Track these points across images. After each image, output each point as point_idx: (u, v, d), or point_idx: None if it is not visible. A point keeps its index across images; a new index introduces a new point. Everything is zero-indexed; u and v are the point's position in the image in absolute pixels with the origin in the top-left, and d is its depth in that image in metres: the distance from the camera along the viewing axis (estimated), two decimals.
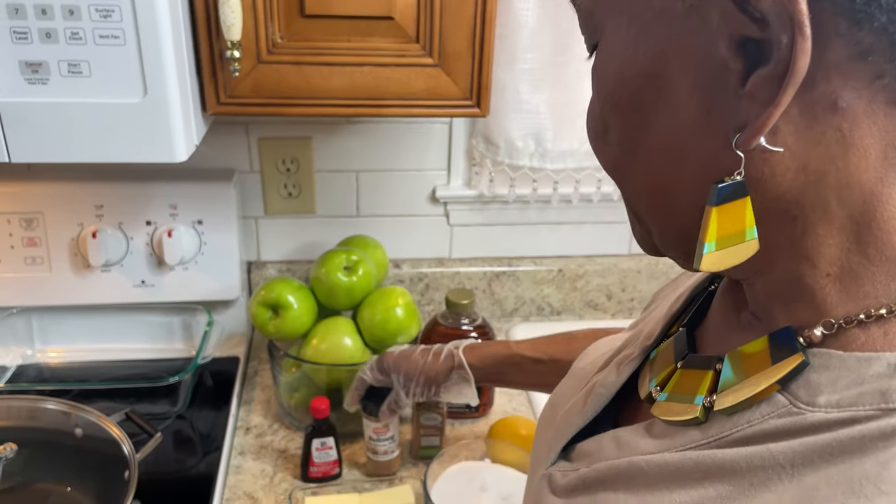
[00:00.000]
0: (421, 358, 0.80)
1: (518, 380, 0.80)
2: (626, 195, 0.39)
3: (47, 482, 0.85)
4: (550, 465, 0.45)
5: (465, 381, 0.78)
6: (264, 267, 1.18)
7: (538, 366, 0.77)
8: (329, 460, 0.89)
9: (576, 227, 1.23)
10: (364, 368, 0.83)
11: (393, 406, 0.83)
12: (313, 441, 0.88)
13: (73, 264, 1.03)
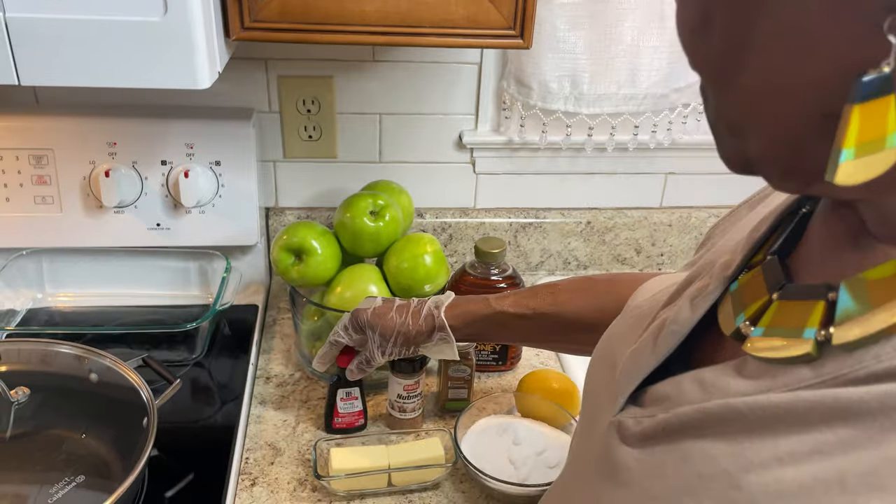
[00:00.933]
0: (398, 317, 0.75)
1: (503, 337, 0.77)
2: (723, 102, 0.34)
3: (61, 428, 0.82)
4: (619, 412, 0.41)
5: (445, 342, 0.74)
6: (282, 213, 1.14)
7: (523, 321, 0.73)
8: (354, 411, 0.86)
9: (607, 177, 1.18)
10: (336, 329, 0.78)
11: (363, 365, 0.78)
12: (338, 391, 0.85)
13: (85, 204, 0.99)
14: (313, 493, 0.78)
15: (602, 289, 0.72)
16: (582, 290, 0.73)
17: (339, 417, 0.86)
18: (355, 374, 0.79)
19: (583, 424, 0.48)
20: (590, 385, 0.48)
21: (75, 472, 0.77)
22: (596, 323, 0.70)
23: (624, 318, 0.47)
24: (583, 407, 0.49)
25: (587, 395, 0.48)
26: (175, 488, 0.78)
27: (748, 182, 1.24)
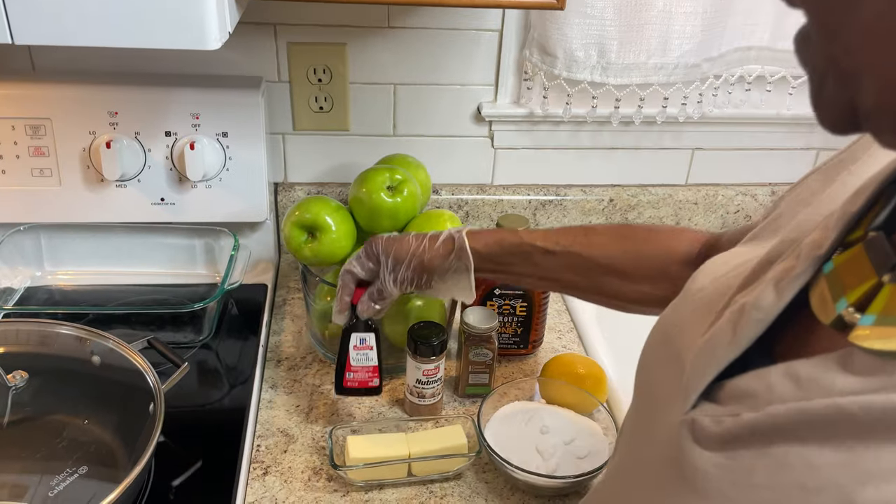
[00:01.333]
0: (415, 241, 0.71)
1: (525, 272, 0.70)
2: (835, 46, 0.28)
3: (62, 414, 0.77)
4: (690, 410, 0.37)
5: (463, 271, 0.69)
6: (292, 189, 1.09)
7: (550, 258, 0.68)
8: (368, 366, 0.78)
9: (631, 153, 1.13)
10: (350, 260, 0.73)
11: (374, 296, 0.72)
12: (352, 337, 0.76)
13: (85, 177, 0.93)
14: (329, 482, 0.74)
15: (641, 236, 0.68)
16: (619, 236, 0.68)
17: (351, 372, 0.77)
18: (367, 307, 0.73)
19: (637, 422, 0.43)
20: (646, 377, 0.43)
21: (77, 461, 0.73)
22: (629, 272, 0.66)
23: (685, 303, 0.42)
24: (637, 402, 0.44)
25: (642, 389, 0.43)
26: (182, 477, 0.74)
27: (778, 159, 1.18)
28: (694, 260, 0.65)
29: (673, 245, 0.66)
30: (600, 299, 0.70)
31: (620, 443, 0.47)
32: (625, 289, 0.67)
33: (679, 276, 0.66)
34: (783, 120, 1.11)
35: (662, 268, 0.66)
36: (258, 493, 0.73)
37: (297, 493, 0.73)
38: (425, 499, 0.73)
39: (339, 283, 0.74)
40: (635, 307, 0.69)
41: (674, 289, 0.67)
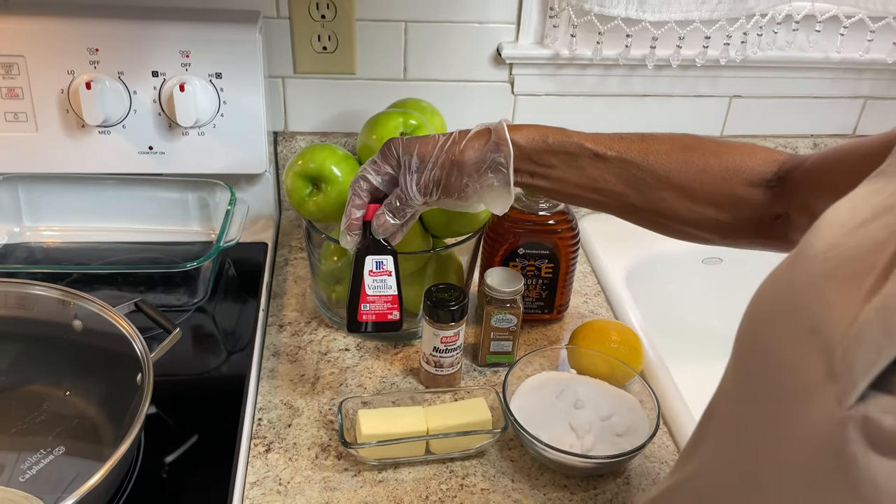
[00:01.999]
0: (443, 137, 0.61)
1: (569, 177, 0.60)
2: None
3: (40, 384, 0.70)
4: (855, 403, 0.28)
5: (499, 169, 0.59)
6: (293, 138, 1.00)
7: (599, 163, 0.59)
8: (386, 294, 0.66)
9: (663, 100, 1.03)
10: (363, 167, 0.63)
11: (394, 205, 0.61)
12: (367, 260, 0.65)
13: (65, 123, 0.84)
14: (338, 460, 0.67)
15: (708, 148, 0.59)
16: (682, 146, 0.59)
17: (367, 303, 0.66)
18: (383, 222, 0.62)
19: (750, 414, 0.34)
20: (763, 358, 0.34)
21: (58, 437, 0.65)
22: (691, 188, 0.58)
23: (812, 263, 0.33)
24: (746, 388, 0.35)
25: (756, 372, 0.34)
26: (176, 453, 0.67)
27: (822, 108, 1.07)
28: (767, 182, 0.57)
29: (745, 162, 0.58)
30: (652, 219, 0.62)
31: (715, 438, 0.38)
32: (683, 209, 0.59)
33: (747, 200, 0.57)
34: (831, 65, 1.01)
35: (730, 187, 0.57)
36: (260, 473, 0.65)
37: (304, 473, 0.66)
38: (445, 479, 0.66)
39: (349, 194, 0.63)
40: (692, 231, 0.61)
41: (739, 214, 0.58)
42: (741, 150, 0.59)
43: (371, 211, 0.63)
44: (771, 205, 0.57)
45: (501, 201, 0.61)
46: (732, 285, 1.02)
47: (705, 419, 0.40)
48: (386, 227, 0.63)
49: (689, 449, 0.41)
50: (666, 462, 0.69)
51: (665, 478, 0.43)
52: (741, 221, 0.58)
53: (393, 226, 0.63)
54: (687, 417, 0.72)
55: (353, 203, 0.63)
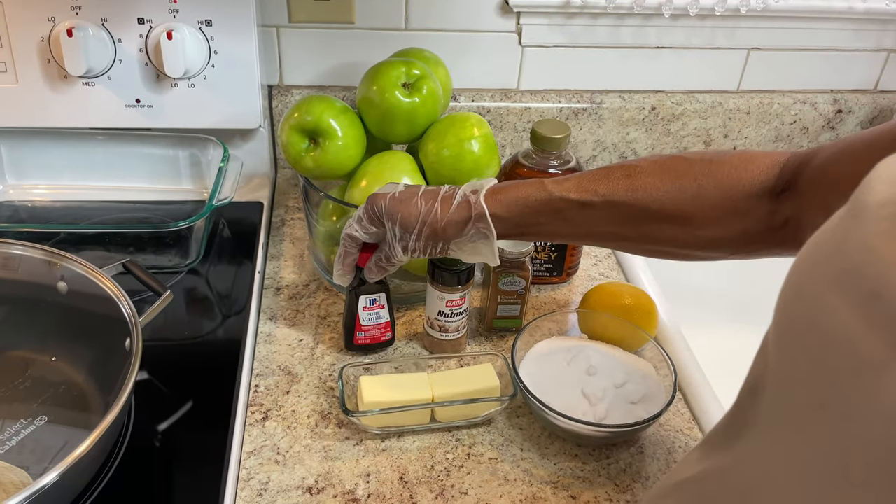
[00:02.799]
0: (424, 203, 0.60)
1: (559, 230, 0.60)
2: None
3: (25, 350, 0.66)
4: None
5: (483, 238, 0.59)
6: (288, 92, 0.95)
7: (588, 211, 0.57)
8: (379, 323, 0.71)
9: (678, 53, 0.98)
10: (350, 222, 0.64)
11: (382, 263, 0.64)
12: (360, 299, 0.69)
13: (46, 73, 0.79)
14: (339, 428, 0.64)
15: (698, 170, 0.55)
16: (670, 173, 0.55)
17: (361, 332, 0.70)
18: (374, 272, 0.66)
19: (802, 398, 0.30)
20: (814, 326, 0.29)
21: (44, 404, 0.62)
22: (689, 215, 0.54)
23: (864, 224, 0.29)
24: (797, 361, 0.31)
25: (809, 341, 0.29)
26: (169, 420, 0.64)
27: (843, 62, 1.01)
28: (771, 189, 0.52)
29: (741, 175, 0.53)
30: (655, 249, 0.59)
31: (766, 422, 0.34)
32: (684, 235, 0.55)
33: (751, 212, 0.52)
34: (855, 15, 0.96)
35: (730, 204, 0.53)
36: (257, 441, 0.62)
37: (303, 442, 0.63)
38: (451, 447, 0.63)
39: (340, 247, 0.66)
40: (699, 253, 0.57)
41: (745, 227, 0.53)
42: (735, 163, 0.54)
43: (363, 258, 0.66)
44: (777, 211, 0.52)
45: (488, 261, 0.61)
46: None
47: (748, 398, 0.36)
48: (376, 277, 0.66)
49: (727, 431, 0.37)
50: (681, 430, 0.66)
51: (693, 460, 0.40)
52: (748, 234, 0.54)
53: (382, 274, 0.66)
54: (703, 384, 0.69)
55: (345, 257, 0.66)
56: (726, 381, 0.74)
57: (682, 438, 0.66)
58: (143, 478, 0.58)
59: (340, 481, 0.59)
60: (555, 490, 0.60)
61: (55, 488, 0.48)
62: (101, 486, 0.56)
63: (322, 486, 0.59)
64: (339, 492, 0.59)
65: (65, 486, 0.51)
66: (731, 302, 1.00)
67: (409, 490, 0.59)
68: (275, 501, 0.57)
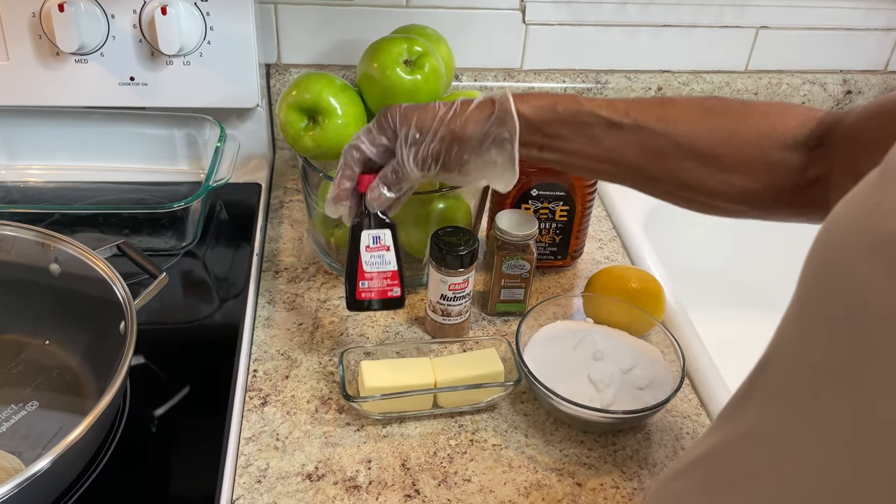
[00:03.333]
0: (443, 106, 0.56)
1: (581, 149, 0.55)
2: None
3: (17, 333, 0.65)
4: None
5: (503, 144, 0.55)
6: (287, 71, 0.93)
7: (615, 132, 0.54)
8: (385, 271, 0.63)
9: (685, 32, 0.96)
10: (356, 135, 0.58)
11: (389, 178, 0.57)
12: (361, 236, 0.61)
13: (37, 50, 0.77)
14: (340, 414, 0.63)
15: (734, 110, 0.53)
16: (706, 109, 0.54)
17: (365, 280, 0.62)
18: (378, 195, 0.58)
19: (830, 367, 0.29)
20: (846, 294, 0.27)
21: (37, 389, 0.61)
22: (718, 156, 0.52)
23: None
24: (823, 333, 0.29)
25: (838, 312, 0.28)
26: (166, 405, 0.62)
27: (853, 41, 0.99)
28: (804, 143, 0.51)
29: (778, 123, 0.51)
30: (676, 192, 0.56)
31: (769, 395, 0.32)
32: (709, 178, 0.53)
33: (782, 164, 0.51)
34: None
35: (762, 152, 0.51)
36: (256, 427, 0.61)
37: (303, 427, 0.61)
38: (454, 433, 0.62)
39: (339, 162, 0.59)
40: (720, 203, 0.55)
41: (773, 181, 0.52)
42: (773, 111, 0.52)
43: (365, 182, 0.59)
44: (808, 168, 0.50)
45: (505, 178, 0.57)
46: (756, 230, 0.97)
47: (758, 370, 0.34)
48: (381, 201, 0.59)
49: (735, 405, 0.36)
50: (689, 416, 0.65)
51: (700, 441, 0.38)
52: (775, 189, 0.52)
53: (388, 199, 0.59)
54: (711, 369, 0.68)
55: (343, 173, 0.59)
56: (733, 366, 0.73)
57: (690, 424, 0.64)
58: (138, 464, 0.57)
59: (341, 468, 0.58)
60: (560, 477, 0.59)
61: (48, 474, 0.47)
62: (95, 472, 0.55)
63: (322, 472, 0.58)
64: (340, 478, 0.57)
65: (58, 472, 0.50)
66: (737, 286, 0.98)
67: (412, 477, 0.58)
68: (274, 488, 0.56)
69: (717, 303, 0.92)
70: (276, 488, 0.56)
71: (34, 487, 0.46)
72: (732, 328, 0.87)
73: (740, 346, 0.85)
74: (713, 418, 0.65)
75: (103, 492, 0.54)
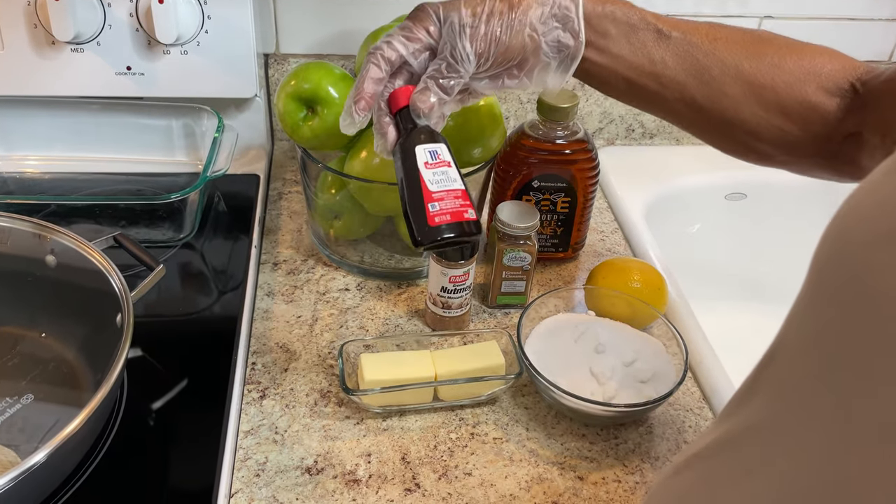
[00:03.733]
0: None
1: (624, 53, 0.53)
2: None
3: (13, 325, 0.64)
4: None
5: (567, 17, 0.51)
6: (285, 61, 0.92)
7: (662, 42, 0.53)
8: (453, 189, 0.50)
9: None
10: (388, 33, 0.52)
11: (442, 70, 0.50)
12: (416, 151, 0.50)
13: (33, 39, 0.76)
14: (339, 407, 0.62)
15: (784, 44, 0.53)
16: (755, 38, 0.53)
17: (434, 203, 0.49)
18: (429, 99, 0.50)
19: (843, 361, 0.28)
20: (861, 286, 0.26)
21: (33, 382, 0.60)
22: (762, 85, 0.51)
23: None
24: (836, 325, 0.28)
25: (853, 303, 0.27)
26: (164, 398, 0.62)
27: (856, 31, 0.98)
28: (844, 92, 0.51)
29: (825, 65, 0.51)
30: (710, 122, 0.54)
31: (777, 387, 0.31)
32: (747, 111, 0.52)
33: (820, 109, 0.50)
34: None
35: (803, 92, 0.51)
36: (255, 420, 0.61)
37: (302, 421, 0.61)
38: (455, 426, 0.61)
39: (364, 65, 0.51)
40: (752, 142, 0.54)
41: (808, 127, 0.51)
42: (820, 52, 0.52)
43: (401, 96, 0.51)
44: (843, 119, 0.50)
45: (565, 65, 0.53)
46: (757, 223, 0.97)
47: (764, 362, 0.34)
48: (432, 107, 0.50)
49: (739, 398, 0.35)
50: (691, 409, 0.64)
51: (704, 434, 0.38)
52: (809, 136, 0.51)
53: (439, 104, 0.51)
54: (714, 363, 0.67)
55: (369, 74, 0.50)
56: (734, 359, 0.72)
57: (693, 418, 0.64)
58: (136, 457, 0.56)
59: (341, 461, 0.58)
60: (561, 471, 0.58)
61: (45, 468, 0.46)
62: (92, 465, 0.55)
63: (322, 466, 0.57)
64: (340, 472, 0.57)
65: (55, 465, 0.49)
66: (738, 279, 0.98)
67: (412, 470, 0.57)
68: (273, 482, 0.56)
69: (718, 296, 0.91)
70: (275, 482, 0.56)
71: (30, 481, 0.46)
72: (734, 321, 0.87)
73: (741, 340, 0.84)
74: (716, 412, 0.64)
75: (100, 485, 0.54)
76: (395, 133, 0.52)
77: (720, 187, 0.95)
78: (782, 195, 0.96)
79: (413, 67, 0.53)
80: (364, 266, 0.76)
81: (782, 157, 0.54)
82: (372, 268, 0.76)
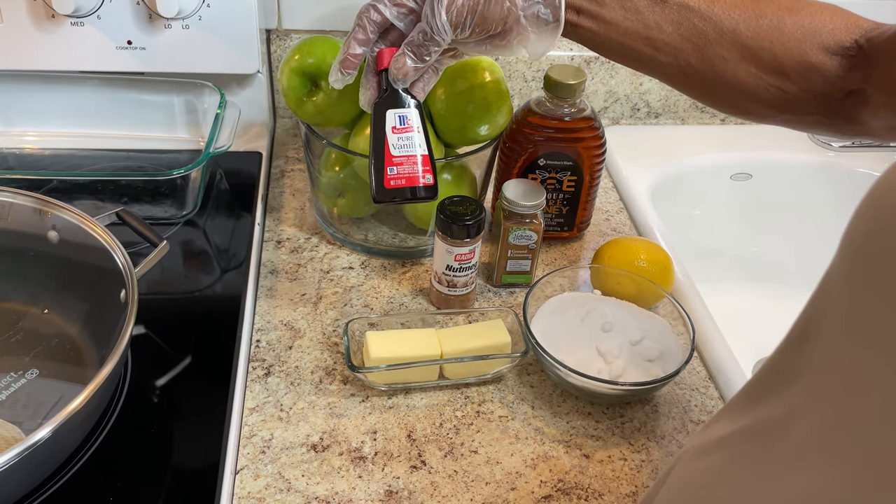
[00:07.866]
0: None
1: (619, 20, 0.52)
2: None
3: (16, 301, 0.64)
4: None
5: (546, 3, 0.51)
6: (287, 37, 0.90)
7: (657, 6, 0.51)
8: (414, 154, 0.55)
9: None
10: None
11: (418, 41, 0.52)
12: (387, 114, 0.55)
13: (32, 12, 0.75)
14: (344, 385, 0.62)
15: (784, 4, 0.51)
16: (752, 2, 0.52)
17: (393, 166, 0.55)
18: (402, 65, 0.52)
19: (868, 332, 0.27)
20: None
21: (36, 358, 0.60)
22: (759, 47, 0.50)
23: None
24: (877, 304, 0.27)
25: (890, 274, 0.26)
26: (168, 375, 0.62)
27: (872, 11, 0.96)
28: (846, 50, 0.50)
29: (825, 24, 0.50)
30: (706, 85, 0.54)
31: (821, 371, 0.31)
32: (744, 73, 0.51)
33: (821, 68, 0.49)
34: None
35: (802, 52, 0.50)
36: (259, 398, 0.60)
37: (307, 398, 0.60)
38: (460, 405, 0.61)
39: (353, 26, 0.53)
40: (749, 105, 0.53)
41: (808, 86, 0.50)
42: (822, 11, 0.51)
43: (386, 56, 0.53)
44: (845, 77, 0.49)
45: (545, 38, 0.53)
46: (762, 204, 0.96)
47: (797, 343, 0.33)
48: (406, 72, 0.53)
49: (774, 380, 0.34)
50: (697, 389, 0.64)
51: (733, 414, 0.37)
52: (809, 95, 0.50)
53: (415, 70, 0.53)
54: (720, 342, 0.67)
55: (355, 35, 0.53)
56: (738, 339, 0.72)
57: (698, 397, 0.64)
58: (140, 434, 0.56)
59: (346, 439, 0.57)
60: (567, 449, 0.58)
61: (49, 444, 0.46)
62: (97, 442, 0.54)
63: (327, 443, 0.57)
64: (345, 449, 0.57)
65: (59, 441, 0.49)
66: (743, 260, 0.97)
67: (417, 448, 0.57)
68: (278, 459, 0.56)
69: (722, 276, 0.91)
70: (281, 459, 0.56)
71: (35, 457, 0.45)
72: (738, 302, 0.86)
73: (746, 320, 0.84)
74: (722, 391, 0.64)
75: (105, 462, 0.53)
76: (376, 91, 0.56)
77: (726, 167, 0.94)
78: (788, 176, 0.95)
79: (402, 29, 0.54)
80: (368, 244, 0.75)
81: (781, 116, 0.53)
82: (376, 246, 0.75)
